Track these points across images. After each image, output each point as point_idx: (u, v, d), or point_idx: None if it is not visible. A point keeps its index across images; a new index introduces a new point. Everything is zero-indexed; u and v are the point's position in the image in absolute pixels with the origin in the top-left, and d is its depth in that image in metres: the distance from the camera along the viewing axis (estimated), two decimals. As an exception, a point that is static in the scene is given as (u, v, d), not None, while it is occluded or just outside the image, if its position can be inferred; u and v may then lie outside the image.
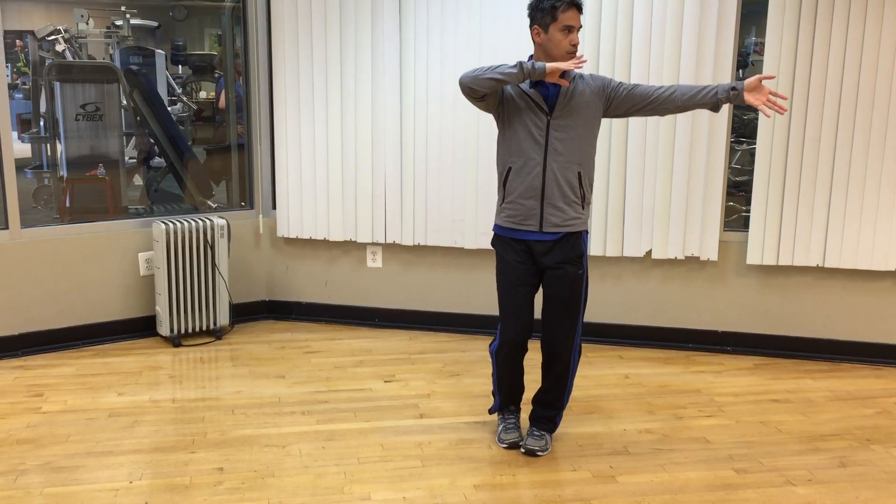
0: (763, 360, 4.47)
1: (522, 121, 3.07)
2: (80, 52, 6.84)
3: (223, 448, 3.33)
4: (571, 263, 3.14)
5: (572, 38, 3.00)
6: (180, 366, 4.30)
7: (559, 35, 2.99)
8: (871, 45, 4.10)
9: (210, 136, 7.81)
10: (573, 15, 2.98)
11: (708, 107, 3.07)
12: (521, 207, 3.12)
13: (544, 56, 3.06)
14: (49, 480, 3.05)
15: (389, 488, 3.02)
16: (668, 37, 4.27)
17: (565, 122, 3.06)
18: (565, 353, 3.22)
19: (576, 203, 3.12)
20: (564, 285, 3.14)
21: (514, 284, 3.19)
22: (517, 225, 3.14)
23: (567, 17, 2.97)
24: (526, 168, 3.09)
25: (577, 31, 3.01)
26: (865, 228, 4.25)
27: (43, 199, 6.48)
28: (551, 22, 3.00)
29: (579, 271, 3.15)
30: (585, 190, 3.14)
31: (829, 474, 3.18)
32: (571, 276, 3.14)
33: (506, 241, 3.19)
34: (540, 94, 3.06)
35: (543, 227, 3.11)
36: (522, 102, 3.07)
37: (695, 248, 4.45)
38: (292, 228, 4.95)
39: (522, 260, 3.17)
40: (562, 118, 3.05)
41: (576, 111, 3.06)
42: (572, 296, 3.16)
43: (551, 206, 3.09)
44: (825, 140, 4.23)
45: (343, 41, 4.68)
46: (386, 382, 4.07)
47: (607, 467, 3.20)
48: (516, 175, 3.11)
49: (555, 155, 3.07)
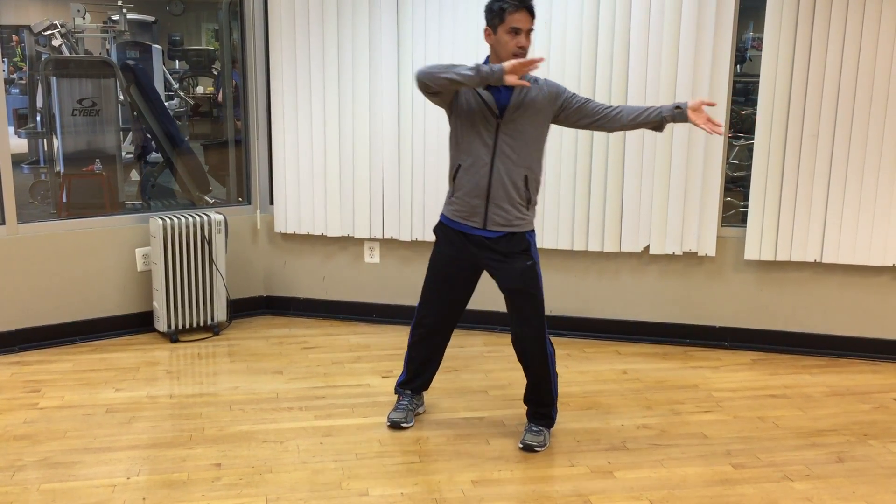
0: (761, 356, 4.48)
1: (473, 121, 3.12)
2: (77, 47, 6.82)
3: (221, 444, 3.33)
4: (517, 255, 3.19)
5: (519, 41, 3.01)
6: (178, 361, 4.30)
7: (506, 37, 3.02)
8: (870, 40, 4.10)
9: (207, 132, 7.80)
10: (521, 17, 2.99)
11: (651, 125, 3.13)
12: (467, 205, 3.18)
13: (495, 58, 3.11)
14: (46, 476, 3.04)
15: (387, 484, 3.02)
16: (665, 32, 4.26)
17: (515, 127, 3.10)
18: (534, 343, 3.24)
19: (521, 204, 3.17)
20: (514, 276, 3.20)
21: (444, 280, 3.32)
22: (462, 220, 3.21)
23: (514, 19, 2.99)
24: (474, 167, 3.15)
25: (525, 34, 3.03)
26: (863, 224, 4.25)
27: (39, 194, 6.46)
28: (499, 24, 3.03)
29: (528, 262, 3.20)
30: (531, 192, 3.19)
31: (827, 469, 3.18)
32: (520, 267, 3.19)
33: (448, 232, 3.27)
34: (492, 96, 3.10)
35: (487, 226, 3.17)
36: (475, 103, 3.11)
37: (692, 243, 4.45)
38: (290, 224, 4.95)
39: (458, 256, 3.26)
40: (512, 123, 3.10)
41: (526, 116, 3.10)
42: (525, 286, 3.20)
43: (496, 205, 3.14)
44: (823, 135, 4.23)
45: (341, 36, 4.67)
46: (384, 378, 4.07)
47: (605, 463, 3.21)
48: (465, 173, 3.17)
49: (502, 157, 3.11)
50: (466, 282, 3.33)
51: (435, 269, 3.33)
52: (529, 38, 3.05)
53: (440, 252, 3.31)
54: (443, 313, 3.38)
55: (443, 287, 3.33)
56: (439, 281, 3.33)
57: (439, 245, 3.32)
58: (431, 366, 3.53)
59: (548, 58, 4.42)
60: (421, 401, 3.63)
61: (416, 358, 3.50)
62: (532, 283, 3.20)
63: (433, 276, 3.34)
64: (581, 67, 4.39)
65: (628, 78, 4.34)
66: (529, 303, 3.22)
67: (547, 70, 4.42)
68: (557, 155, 4.49)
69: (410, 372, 3.54)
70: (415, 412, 3.57)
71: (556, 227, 4.56)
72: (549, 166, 4.51)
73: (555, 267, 4.67)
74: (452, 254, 3.27)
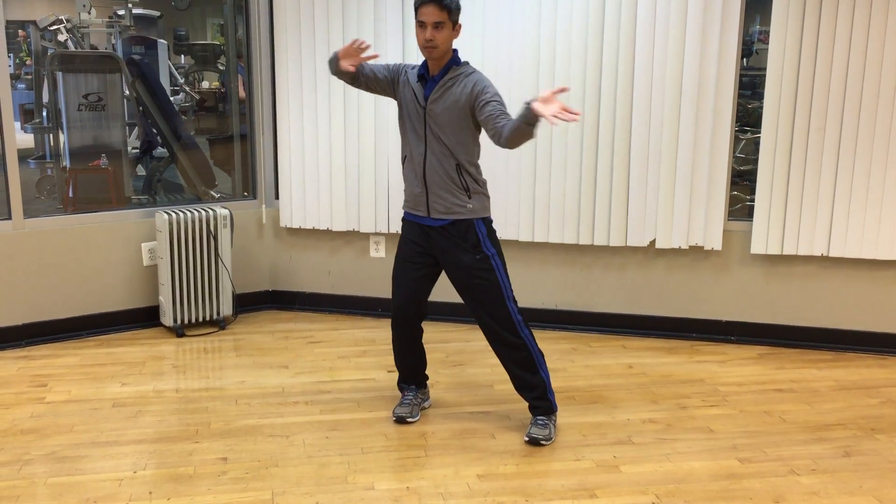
0: (767, 350, 4.46)
1: (409, 113, 3.25)
2: (83, 42, 6.82)
3: (227, 438, 3.33)
4: (466, 252, 3.24)
5: (424, 34, 3.10)
6: (184, 356, 4.30)
7: (417, 30, 3.14)
8: (877, 33, 4.08)
9: (213, 126, 7.80)
10: (426, 11, 3.08)
11: (519, 131, 2.92)
12: (412, 194, 3.33)
13: None
14: (53, 470, 3.05)
15: (393, 478, 3.02)
16: (672, 26, 4.25)
17: (439, 118, 3.17)
18: (505, 336, 3.28)
19: (459, 192, 3.22)
20: (463, 273, 3.28)
21: (403, 260, 3.39)
22: (411, 210, 3.35)
23: (421, 12, 3.11)
24: (412, 158, 3.29)
25: (432, 27, 3.07)
26: (870, 217, 4.24)
27: (46, 189, 6.48)
28: (415, 17, 3.15)
29: (476, 257, 3.24)
30: (467, 181, 3.22)
31: (834, 464, 3.18)
32: (468, 264, 3.24)
33: (406, 223, 3.40)
34: (421, 87, 3.20)
35: (431, 213, 3.28)
36: (409, 96, 3.24)
37: (699, 237, 4.44)
38: (295, 218, 4.95)
39: (415, 241, 3.35)
40: (434, 113, 3.17)
41: (446, 106, 3.15)
42: (474, 283, 3.26)
43: (434, 193, 3.25)
44: (830, 129, 4.21)
45: (346, 30, 4.66)
46: (389, 372, 4.07)
47: (611, 457, 3.20)
48: (408, 164, 3.33)
49: (432, 146, 3.21)
50: (424, 267, 3.37)
51: (399, 253, 3.43)
52: (440, 31, 3.07)
53: (402, 238, 3.42)
54: (404, 296, 3.40)
55: (402, 269, 3.40)
56: (399, 263, 3.41)
57: (402, 233, 3.43)
58: (410, 358, 3.54)
59: (553, 50, 4.41)
60: (426, 395, 3.63)
61: (397, 352, 3.55)
62: (487, 276, 3.24)
63: (397, 260, 3.43)
64: (587, 61, 4.37)
65: (634, 72, 4.32)
66: (486, 297, 3.26)
67: (553, 64, 4.41)
68: (563, 148, 4.48)
69: (399, 368, 3.59)
70: (420, 406, 3.57)
71: (561, 221, 4.55)
72: (555, 160, 4.50)
73: (560, 261, 4.67)
74: (411, 238, 3.37)
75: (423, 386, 3.62)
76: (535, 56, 4.43)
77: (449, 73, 3.16)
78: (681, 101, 4.31)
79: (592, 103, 4.41)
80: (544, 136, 4.49)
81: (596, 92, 4.40)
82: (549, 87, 4.41)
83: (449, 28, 3.10)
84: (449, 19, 3.09)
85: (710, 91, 4.27)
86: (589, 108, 4.42)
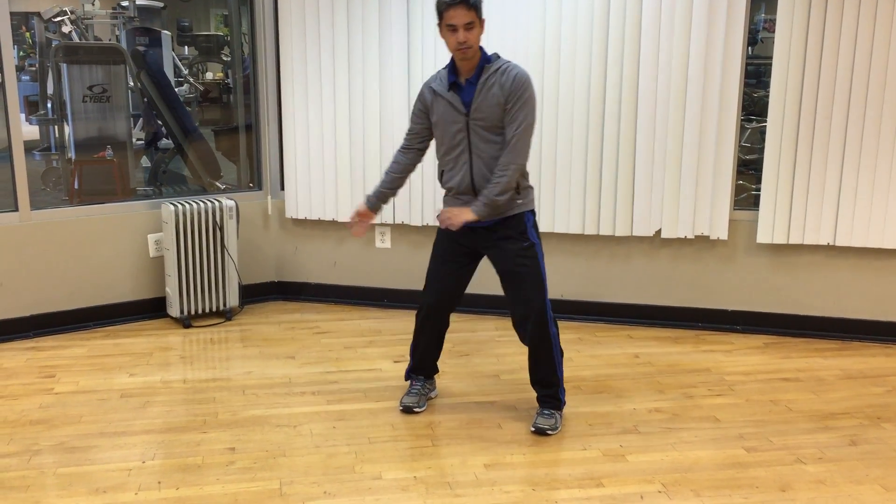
0: (773, 339, 4.46)
1: (446, 125, 3.19)
2: (87, 34, 6.83)
3: (234, 428, 3.35)
4: (513, 239, 3.23)
5: (457, 37, 3.03)
6: (191, 347, 4.32)
7: (447, 34, 3.08)
8: (884, 21, 4.06)
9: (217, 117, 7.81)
10: (455, 13, 3.01)
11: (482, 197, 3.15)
12: (459, 202, 3.27)
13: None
14: (62, 461, 3.07)
15: (400, 468, 3.03)
16: (677, 15, 4.23)
17: (482, 122, 3.13)
18: (536, 327, 3.25)
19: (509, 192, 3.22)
20: (508, 258, 3.24)
21: (441, 257, 3.37)
22: None
23: (449, 16, 3.02)
24: (455, 168, 3.23)
25: (463, 29, 3.02)
26: (876, 207, 4.23)
27: (51, 181, 6.49)
28: (440, 22, 3.08)
29: (523, 244, 3.23)
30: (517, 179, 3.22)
31: (840, 452, 3.18)
32: (514, 250, 3.23)
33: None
34: (457, 95, 3.15)
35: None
36: (444, 108, 3.17)
37: (705, 227, 4.43)
38: (301, 209, 4.95)
39: (459, 241, 3.33)
40: (478, 117, 3.13)
41: (489, 108, 3.12)
42: (519, 268, 3.23)
43: None
44: (836, 117, 4.20)
45: (350, 20, 4.65)
46: (395, 363, 4.08)
47: (617, 446, 3.21)
48: (448, 176, 3.27)
49: (477, 152, 3.17)
50: (463, 261, 3.36)
51: (436, 249, 3.40)
52: (471, 31, 3.03)
53: (441, 237, 3.38)
54: (439, 290, 3.39)
55: (442, 266, 3.37)
56: (437, 260, 3.38)
57: (442, 233, 3.38)
58: (431, 350, 3.56)
59: (559, 41, 4.40)
60: (433, 385, 3.64)
61: (419, 343, 3.53)
62: (529, 264, 3.23)
63: (434, 256, 3.41)
64: (592, 52, 4.36)
65: (639, 61, 4.31)
66: (527, 283, 3.24)
67: (558, 53, 4.40)
68: (569, 139, 4.47)
69: (415, 359, 3.57)
70: (427, 397, 3.58)
71: (567, 211, 4.55)
72: (561, 150, 4.49)
73: (566, 251, 4.67)
74: (453, 237, 3.33)
75: (431, 377, 3.63)
76: (540, 48, 4.42)
77: (483, 73, 3.11)
78: (686, 90, 4.30)
79: (598, 93, 4.40)
80: (549, 127, 4.48)
81: (601, 81, 4.39)
82: (553, 77, 4.41)
83: (478, 26, 3.05)
84: (477, 17, 3.04)
85: (715, 80, 4.26)
86: (594, 98, 4.41)
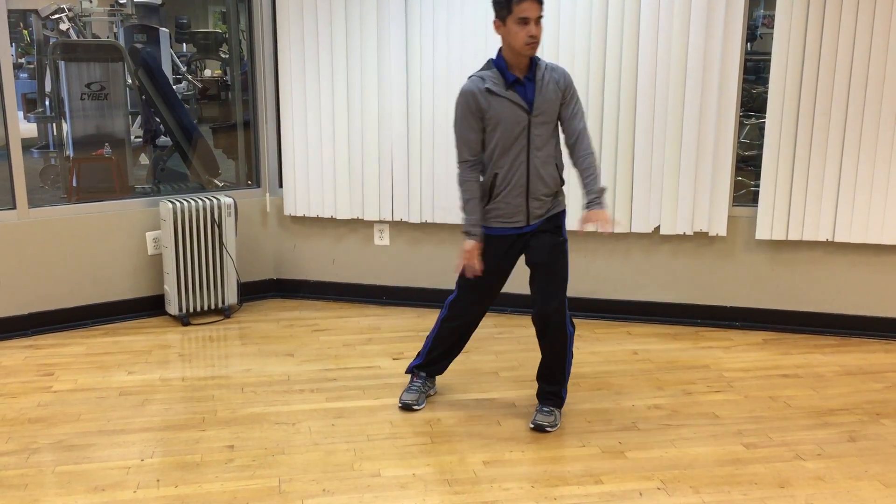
0: (772, 336, 4.46)
1: (507, 126, 3.10)
2: (85, 31, 6.81)
3: (233, 426, 3.34)
4: (550, 232, 3.23)
5: (529, 30, 2.98)
6: (189, 344, 4.31)
7: (516, 27, 2.99)
8: (883, 17, 4.05)
9: (216, 115, 7.79)
10: (529, 6, 2.96)
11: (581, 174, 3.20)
12: (509, 206, 3.21)
13: (508, 49, 3.09)
14: (61, 459, 3.07)
15: (399, 465, 3.03)
16: (676, 10, 4.22)
17: (542, 118, 3.12)
18: (557, 320, 3.24)
19: (556, 191, 3.24)
20: (545, 250, 3.22)
21: (496, 275, 3.30)
22: (504, 223, 3.23)
23: (522, 8, 2.96)
24: (512, 169, 3.16)
25: (535, 22, 2.99)
26: (875, 203, 4.22)
27: (50, 178, 6.47)
28: (508, 14, 3.00)
29: (560, 238, 3.24)
30: (562, 177, 3.27)
31: (839, 448, 3.18)
32: (552, 242, 3.22)
33: (492, 238, 3.25)
34: (517, 94, 3.10)
35: (530, 221, 3.22)
36: (506, 108, 3.10)
37: (703, 223, 4.43)
38: (299, 206, 4.95)
39: (505, 255, 3.27)
40: (540, 114, 3.12)
41: (548, 105, 3.12)
42: (554, 261, 3.23)
43: (535, 199, 3.20)
44: (835, 113, 4.19)
45: (348, 17, 4.64)
46: (394, 360, 4.08)
47: (616, 443, 3.21)
48: (503, 179, 3.18)
49: (535, 151, 3.15)
50: (505, 273, 3.34)
51: (486, 265, 3.25)
52: (540, 25, 3.01)
53: (489, 254, 3.24)
54: (481, 305, 3.40)
55: (488, 280, 3.29)
56: (485, 275, 3.26)
57: (488, 249, 3.25)
58: (452, 357, 3.55)
59: (557, 37, 4.39)
60: (433, 383, 3.64)
61: (439, 346, 3.50)
62: (561, 259, 3.25)
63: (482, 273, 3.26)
64: (591, 48, 4.35)
65: (638, 57, 4.30)
66: (556, 278, 3.23)
67: (557, 48, 4.39)
68: (567, 135, 4.47)
69: (429, 358, 3.54)
70: (426, 394, 3.57)
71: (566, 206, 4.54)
72: (559, 147, 4.48)
73: (565, 248, 4.66)
74: (500, 252, 3.25)
75: (434, 376, 3.62)
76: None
77: (537, 69, 3.09)
78: (685, 86, 4.29)
79: (597, 89, 4.40)
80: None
81: (600, 77, 4.38)
82: None
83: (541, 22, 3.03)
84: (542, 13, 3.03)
85: (714, 76, 4.25)
86: (593, 94, 4.40)
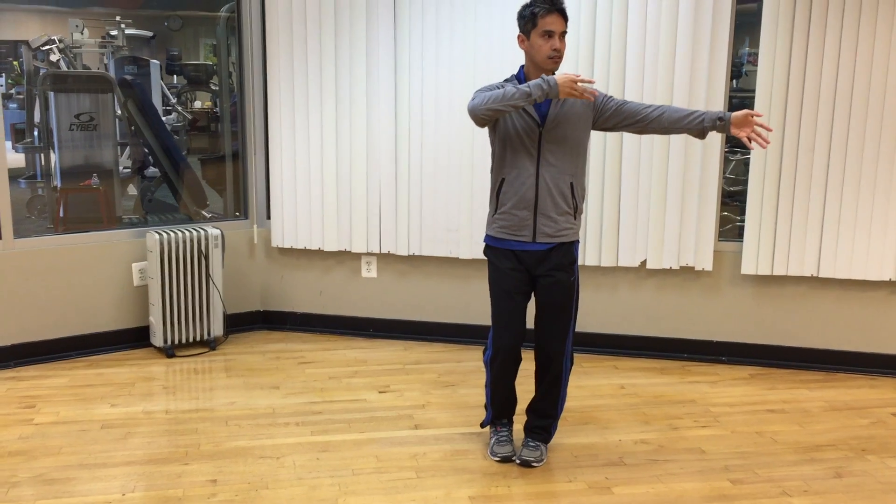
0: (758, 371, 4.47)
1: (516, 132, 3.08)
2: (75, 62, 6.83)
3: (217, 460, 3.31)
4: (563, 270, 3.15)
5: (553, 44, 2.98)
6: (174, 377, 4.28)
7: (540, 41, 2.99)
8: (865, 55, 4.12)
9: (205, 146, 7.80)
10: (553, 20, 2.97)
11: (694, 133, 3.06)
12: (515, 218, 3.13)
13: (531, 64, 3.08)
14: (41, 493, 3.03)
15: (384, 500, 3.00)
16: (661, 47, 4.28)
17: (557, 134, 3.07)
18: (558, 358, 3.22)
19: (568, 213, 3.13)
20: (557, 292, 3.16)
21: (508, 293, 3.19)
22: (510, 235, 3.15)
23: (547, 22, 2.97)
24: (519, 179, 3.10)
25: (559, 37, 2.99)
26: (860, 238, 4.26)
27: (37, 209, 6.46)
28: (532, 28, 3.01)
29: (571, 278, 3.17)
30: (578, 200, 3.16)
31: (825, 485, 3.17)
32: (564, 283, 3.16)
33: (498, 251, 3.20)
34: (532, 106, 3.06)
35: (536, 238, 3.12)
36: (515, 114, 3.07)
37: (689, 257, 4.45)
38: (287, 238, 4.95)
39: (515, 267, 3.17)
40: (553, 130, 3.06)
41: (566, 122, 3.07)
42: (564, 302, 3.18)
43: (544, 216, 3.10)
44: (819, 149, 4.24)
45: (338, 51, 4.69)
46: (381, 393, 4.05)
47: (603, 478, 3.19)
48: (509, 186, 3.12)
49: (547, 166, 3.08)
50: (527, 291, 3.22)
51: (499, 285, 3.20)
52: (563, 40, 3.01)
53: (497, 269, 3.20)
54: (516, 330, 3.20)
55: (511, 304, 3.18)
56: (504, 297, 3.18)
57: (494, 263, 3.22)
58: (513, 392, 3.38)
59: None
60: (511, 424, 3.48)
61: (500, 392, 3.34)
62: (572, 301, 3.19)
63: (499, 294, 3.20)
64: (578, 82, 4.40)
65: (624, 92, 4.35)
66: (563, 317, 3.18)
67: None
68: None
69: (496, 408, 3.39)
70: None
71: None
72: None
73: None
74: (510, 266, 3.17)
75: (511, 417, 3.46)
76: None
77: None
78: (671, 122, 4.33)
79: (583, 124, 4.43)
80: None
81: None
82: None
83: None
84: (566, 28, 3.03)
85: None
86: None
